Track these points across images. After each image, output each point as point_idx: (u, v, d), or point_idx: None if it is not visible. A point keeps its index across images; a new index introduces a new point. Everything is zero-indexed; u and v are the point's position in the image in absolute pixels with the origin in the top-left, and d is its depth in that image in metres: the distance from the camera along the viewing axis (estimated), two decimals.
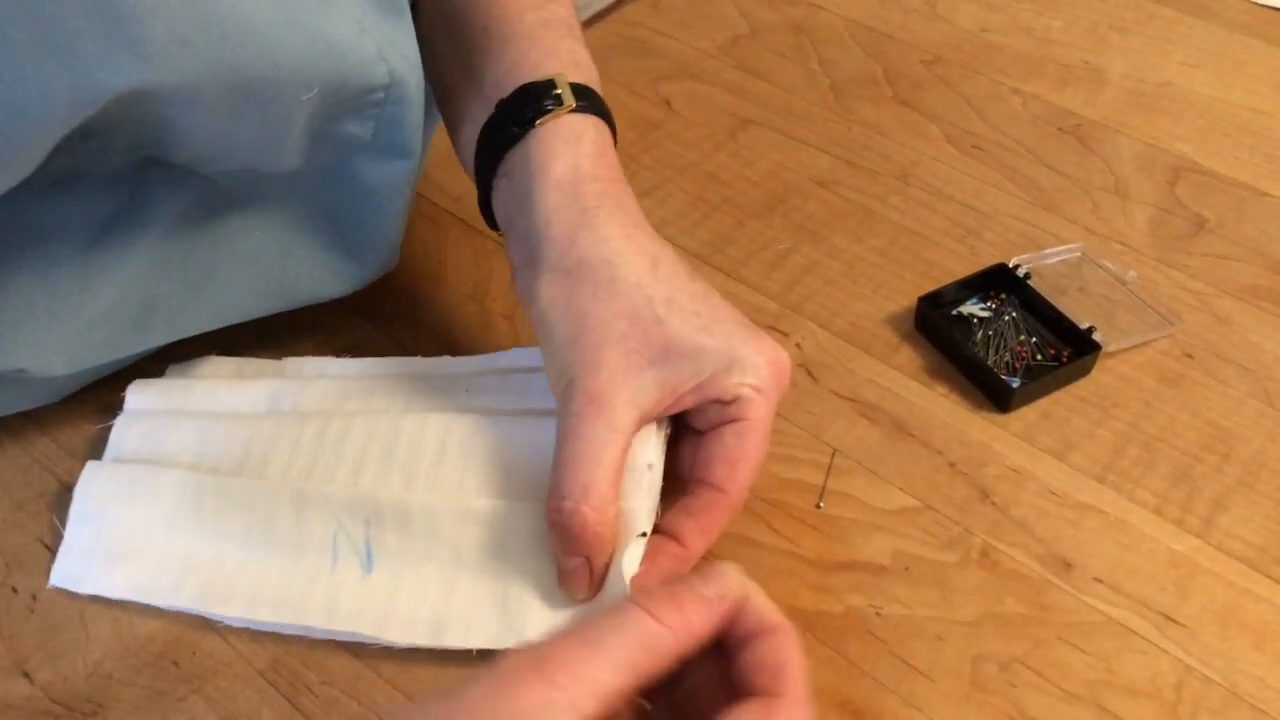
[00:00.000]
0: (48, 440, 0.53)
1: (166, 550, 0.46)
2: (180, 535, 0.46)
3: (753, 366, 0.43)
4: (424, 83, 0.47)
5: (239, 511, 0.46)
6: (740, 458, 0.43)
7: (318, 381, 0.52)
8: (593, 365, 0.41)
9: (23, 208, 0.43)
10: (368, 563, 0.44)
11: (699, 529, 0.43)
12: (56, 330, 0.46)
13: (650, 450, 0.43)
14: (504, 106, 0.46)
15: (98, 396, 0.53)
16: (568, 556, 0.41)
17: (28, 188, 0.40)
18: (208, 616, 0.45)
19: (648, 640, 0.31)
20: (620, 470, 0.41)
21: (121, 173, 0.45)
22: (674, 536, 0.43)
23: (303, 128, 0.44)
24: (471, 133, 0.48)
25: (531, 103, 0.46)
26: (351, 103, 0.44)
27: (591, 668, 0.30)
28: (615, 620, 0.31)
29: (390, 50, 0.44)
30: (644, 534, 0.42)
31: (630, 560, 0.42)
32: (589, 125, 0.47)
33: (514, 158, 0.46)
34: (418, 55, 0.46)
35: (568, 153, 0.45)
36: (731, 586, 0.33)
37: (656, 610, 0.32)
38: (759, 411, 0.43)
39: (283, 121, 0.43)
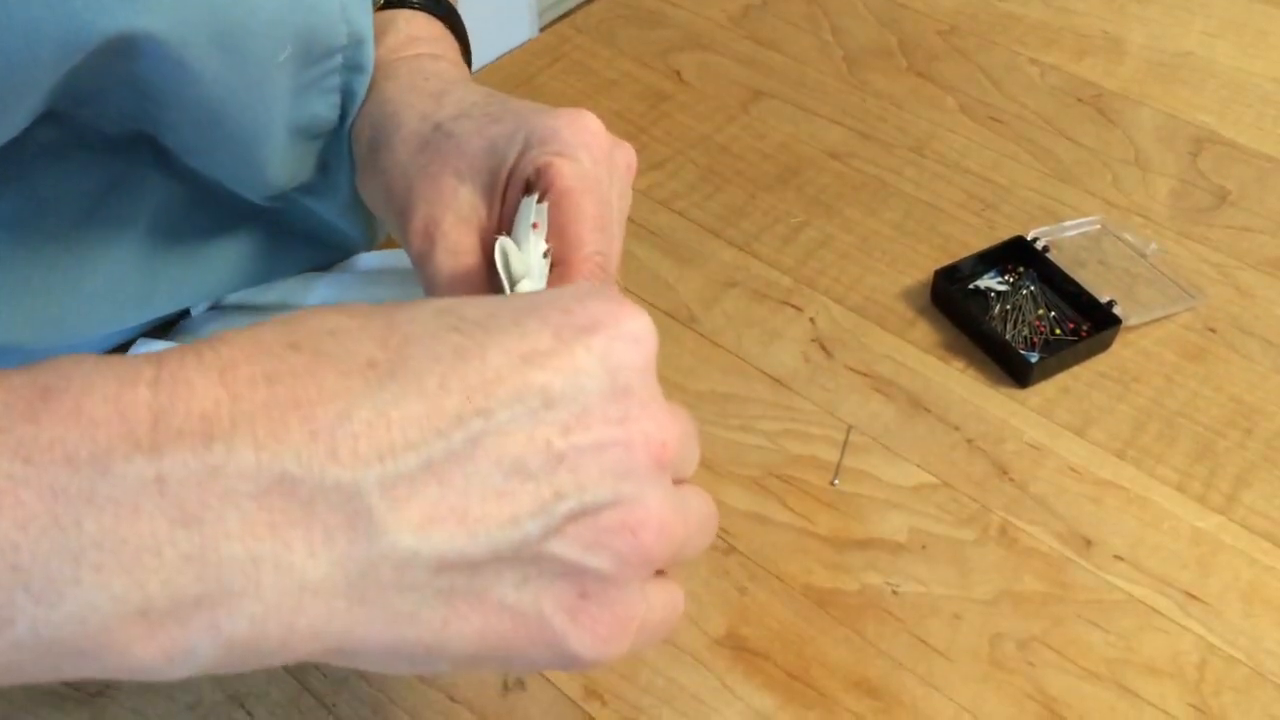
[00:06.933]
0: None
1: None
2: None
3: (549, 132, 0.39)
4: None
5: None
6: (561, 225, 0.39)
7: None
8: (409, 208, 0.41)
9: (16, 179, 0.42)
10: None
11: None
12: (55, 304, 0.45)
13: (528, 210, 0.39)
14: None
15: None
16: None
17: (21, 157, 0.40)
18: None
19: None
20: (480, 285, 0.40)
21: (115, 146, 0.45)
22: None
23: (282, 114, 0.44)
24: None
25: None
26: (316, 70, 0.44)
27: None
28: None
29: (352, 8, 0.43)
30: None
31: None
32: (398, 19, 0.47)
33: None
34: (371, 22, 0.45)
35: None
36: None
37: None
38: (563, 172, 0.39)
39: (264, 95, 0.42)
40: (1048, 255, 0.57)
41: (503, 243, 0.38)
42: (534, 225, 0.39)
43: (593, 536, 0.26)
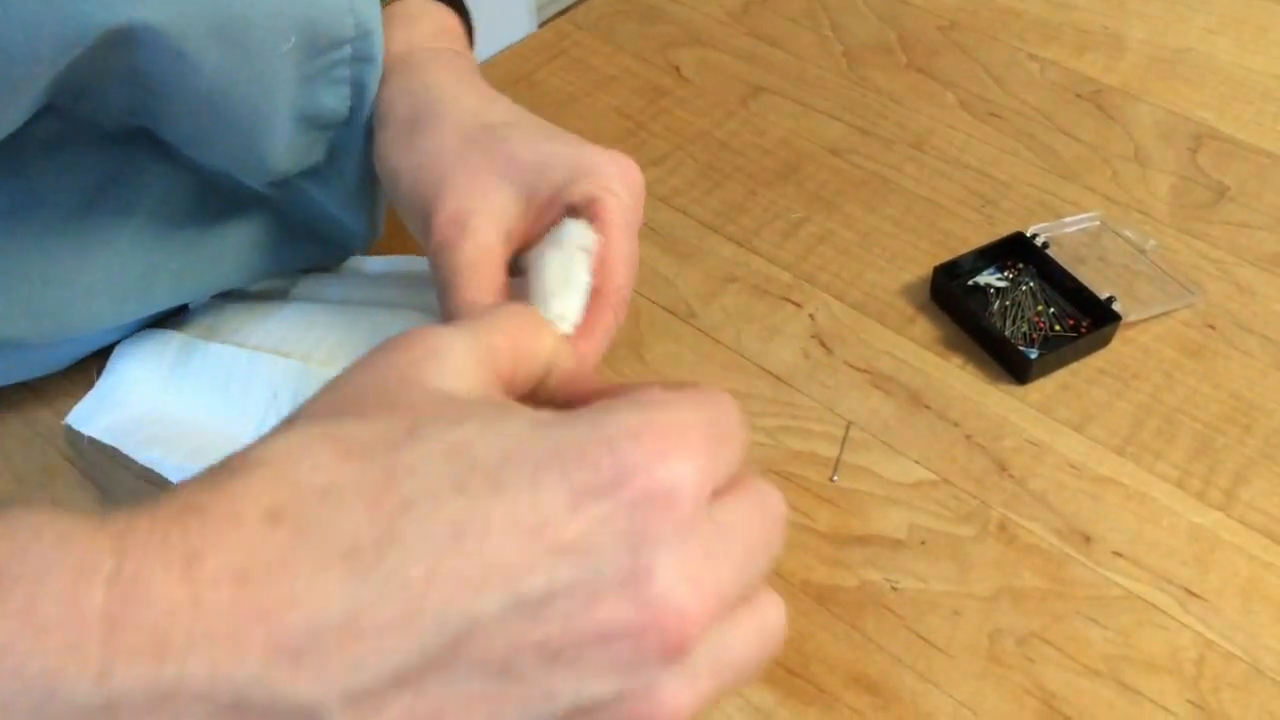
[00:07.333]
0: (50, 413, 0.52)
1: (148, 402, 0.50)
2: (166, 392, 0.50)
3: (602, 168, 0.42)
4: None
5: (210, 374, 0.50)
6: (601, 257, 0.41)
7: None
8: (442, 194, 0.41)
9: (14, 174, 0.42)
10: None
11: (582, 333, 0.41)
12: (53, 297, 0.45)
13: (581, 234, 0.41)
14: None
15: (101, 368, 0.52)
16: None
17: (19, 151, 0.40)
18: (145, 463, 0.48)
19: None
20: (501, 286, 0.40)
21: (113, 139, 0.45)
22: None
23: (287, 104, 0.43)
24: None
25: None
26: (323, 61, 0.44)
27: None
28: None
29: (359, 2, 0.43)
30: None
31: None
32: (431, 8, 0.48)
33: None
34: (379, 14, 0.46)
35: (401, 33, 0.47)
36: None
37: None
38: (612, 209, 0.41)
39: (266, 86, 0.42)
40: (1047, 251, 0.57)
41: (548, 256, 0.39)
42: (584, 251, 0.41)
43: None
